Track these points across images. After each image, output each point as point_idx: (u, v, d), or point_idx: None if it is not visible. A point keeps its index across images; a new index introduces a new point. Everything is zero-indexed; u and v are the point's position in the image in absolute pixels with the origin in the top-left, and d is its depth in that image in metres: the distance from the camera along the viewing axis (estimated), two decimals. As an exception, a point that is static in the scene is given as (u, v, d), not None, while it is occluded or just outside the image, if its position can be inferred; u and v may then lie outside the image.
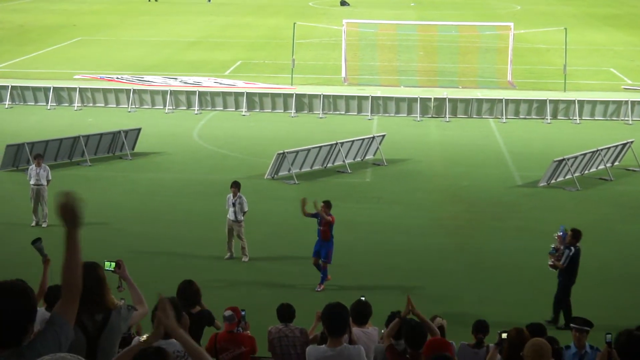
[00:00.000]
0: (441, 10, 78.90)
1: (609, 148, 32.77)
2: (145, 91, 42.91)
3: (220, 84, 46.08)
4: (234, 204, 23.38)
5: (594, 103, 41.90)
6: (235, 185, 23.71)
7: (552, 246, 20.04)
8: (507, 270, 23.26)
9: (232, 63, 53.41)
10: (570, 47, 49.46)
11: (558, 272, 19.91)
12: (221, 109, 42.09)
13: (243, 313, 13.45)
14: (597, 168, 32.37)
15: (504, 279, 22.67)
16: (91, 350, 7.42)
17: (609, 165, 32.60)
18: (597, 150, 32.21)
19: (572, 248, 19.83)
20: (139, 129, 34.92)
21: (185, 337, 6.45)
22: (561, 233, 20.10)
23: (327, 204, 22.07)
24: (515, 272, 23.07)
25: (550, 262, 19.96)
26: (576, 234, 20.05)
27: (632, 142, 33.67)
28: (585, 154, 31.74)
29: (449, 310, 18.23)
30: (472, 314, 15.54)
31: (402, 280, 22.37)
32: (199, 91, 42.54)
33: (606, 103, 42.01)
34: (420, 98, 41.75)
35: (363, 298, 12.74)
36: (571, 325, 13.07)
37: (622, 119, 41.19)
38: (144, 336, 8.47)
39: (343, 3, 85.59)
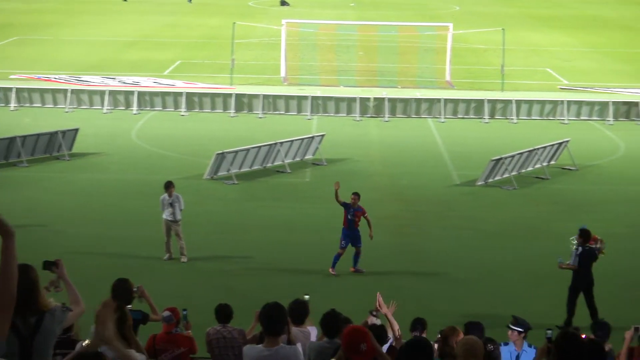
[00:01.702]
0: (381, 11, 79.17)
1: (545, 147, 33.15)
2: (83, 91, 42.55)
3: (159, 84, 45.83)
4: (171, 204, 23.27)
5: (530, 103, 42.38)
6: (171, 185, 23.58)
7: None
8: (446, 268, 23.44)
9: (171, 63, 53.14)
10: (508, 48, 49.98)
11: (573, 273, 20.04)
12: (160, 109, 41.89)
13: (185, 313, 13.43)
14: (534, 167, 32.74)
15: (443, 277, 22.83)
16: (25, 353, 7.36)
17: (545, 164, 32.98)
18: (534, 150, 32.58)
19: (580, 248, 20.02)
20: (77, 129, 34.63)
21: (121, 349, 6.45)
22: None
23: (358, 195, 23.25)
24: (454, 270, 23.27)
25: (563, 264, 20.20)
26: (582, 234, 20.21)
27: (568, 141, 34.09)
28: (522, 153, 32.09)
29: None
30: (411, 312, 15.60)
31: (344, 279, 22.46)
32: (137, 91, 42.29)
33: (543, 103, 42.50)
34: (360, 98, 41.93)
35: (307, 297, 12.77)
36: (508, 324, 13.21)
37: (558, 118, 41.69)
38: (87, 341, 8.46)
39: (283, 3, 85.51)
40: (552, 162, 33.64)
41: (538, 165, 32.71)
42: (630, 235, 25.98)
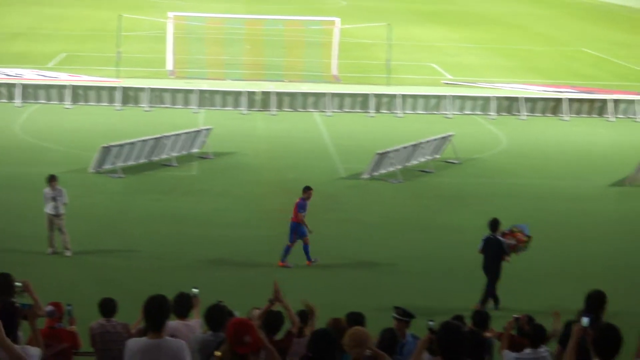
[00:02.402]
0: (268, 5, 79.16)
1: (429, 141, 33.68)
2: (-36, 83, 41.67)
3: (44, 76, 45.08)
4: (54, 198, 22.98)
5: (415, 97, 42.99)
6: (54, 179, 23.28)
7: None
8: (331, 259, 23.65)
9: (55, 55, 52.33)
10: (394, 43, 50.55)
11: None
12: (44, 101, 41.23)
13: (69, 308, 13.30)
14: (418, 160, 33.24)
15: (328, 269, 23.04)
16: None
17: (429, 157, 33.52)
18: (419, 143, 33.09)
19: (489, 236, 20.69)
20: (-42, 122, 33.94)
21: (10, 346, 6.42)
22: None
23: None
24: (339, 262, 23.50)
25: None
26: (490, 223, 20.97)
27: (451, 135, 34.69)
28: (407, 147, 32.56)
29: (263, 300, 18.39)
30: (296, 303, 15.73)
31: (231, 272, 22.52)
32: (21, 84, 41.53)
33: (427, 97, 43.17)
34: (247, 91, 41.98)
35: (195, 290, 12.78)
36: (393, 315, 13.41)
37: (443, 112, 42.40)
38: None
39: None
40: (437, 156, 34.19)
41: (423, 159, 33.22)
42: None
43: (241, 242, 24.83)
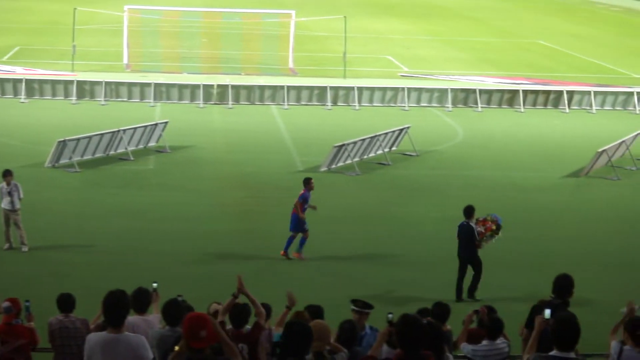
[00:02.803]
0: (225, -3, 78.96)
1: (387, 133, 33.79)
2: None
3: (-2, 70, 44.68)
4: (9, 193, 22.79)
5: (372, 90, 43.12)
6: (9, 174, 23.08)
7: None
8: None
9: (9, 49, 51.87)
10: (350, 35, 50.59)
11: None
12: (-1, 96, 40.93)
13: (27, 304, 13.21)
14: (375, 153, 33.34)
15: (287, 262, 23.04)
16: None
17: (387, 150, 33.63)
18: (376, 136, 33.18)
19: (462, 223, 21.10)
20: None
21: None
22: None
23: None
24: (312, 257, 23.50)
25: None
26: (464, 210, 21.27)
27: (408, 127, 34.82)
28: (364, 140, 32.64)
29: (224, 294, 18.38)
30: (264, 296, 15.71)
31: (190, 267, 22.45)
32: (-26, 78, 41.17)
33: (384, 90, 43.31)
34: (203, 85, 41.87)
35: (155, 285, 12.76)
36: (351, 307, 13.45)
37: (399, 105, 42.56)
38: None
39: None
40: (394, 148, 34.32)
41: (380, 152, 33.32)
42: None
43: (199, 236, 24.76)
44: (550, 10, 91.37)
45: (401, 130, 34.66)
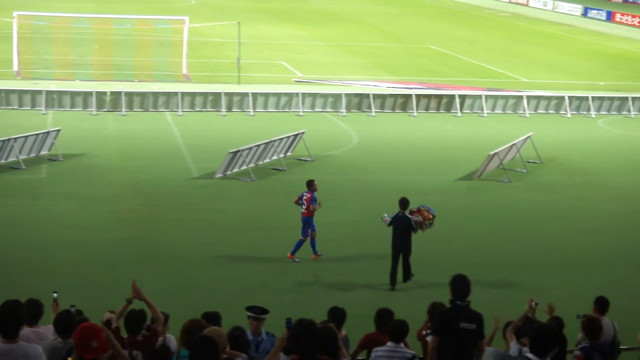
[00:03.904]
0: (117, 4, 78.14)
1: (281, 139, 33.85)
2: None
3: None
4: None
5: (267, 95, 43.15)
6: None
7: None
8: (185, 261, 23.52)
9: None
10: (244, 41, 50.61)
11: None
12: None
13: (55, 295, 12.90)
14: (271, 159, 33.38)
15: (182, 270, 22.89)
16: None
17: (282, 155, 33.69)
18: (271, 142, 33.22)
19: (397, 214, 22.04)
20: None
21: None
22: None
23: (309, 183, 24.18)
24: (194, 263, 23.38)
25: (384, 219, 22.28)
26: (400, 201, 22.22)
27: (303, 132, 34.95)
28: (259, 145, 32.65)
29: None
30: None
31: (85, 275, 22.14)
32: None
33: (278, 95, 43.37)
34: (96, 92, 41.38)
35: (55, 294, 12.54)
36: (248, 314, 13.42)
37: (294, 110, 42.68)
38: None
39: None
40: (289, 154, 34.41)
41: (275, 157, 33.37)
42: (362, 223, 26.94)
43: (93, 245, 24.44)
44: (440, 16, 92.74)
45: (296, 135, 34.77)
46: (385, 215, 22.26)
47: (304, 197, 23.84)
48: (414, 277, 22.19)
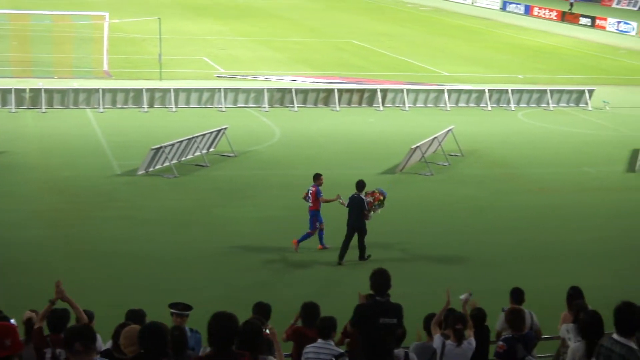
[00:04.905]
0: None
1: (204, 135, 33.73)
2: None
3: None
4: None
5: (189, 91, 42.95)
6: None
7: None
8: (111, 258, 23.32)
9: None
10: (165, 37, 50.37)
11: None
12: None
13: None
14: (193, 155, 33.25)
15: (106, 268, 22.71)
16: None
17: (205, 151, 33.58)
18: (193, 138, 33.08)
19: (353, 195, 23.42)
20: None
21: None
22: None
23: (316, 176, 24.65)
24: (119, 260, 23.21)
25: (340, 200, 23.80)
26: (356, 184, 23.63)
27: (226, 128, 34.85)
28: (181, 142, 32.49)
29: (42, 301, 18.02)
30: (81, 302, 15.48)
31: (4, 275, 21.86)
32: None
33: (201, 91, 43.20)
34: (15, 89, 40.77)
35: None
36: (171, 310, 13.38)
37: (216, 106, 42.55)
38: None
39: None
40: (212, 150, 34.31)
41: (198, 153, 33.25)
42: (286, 218, 26.98)
43: (13, 243, 24.13)
44: (361, 10, 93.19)
45: (219, 131, 34.67)
46: (342, 199, 23.72)
47: (310, 191, 24.32)
48: (369, 257, 23.26)
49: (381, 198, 23.41)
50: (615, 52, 71.19)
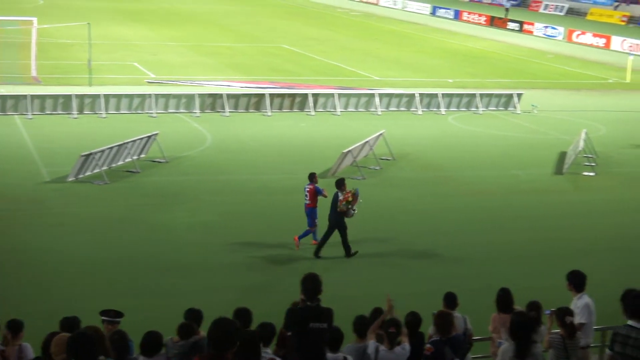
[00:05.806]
0: (-41, 4, 76.09)
1: (135, 141, 33.48)
2: None
3: None
4: None
5: (119, 97, 42.59)
6: None
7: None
8: (41, 266, 23.06)
9: None
10: (95, 42, 49.90)
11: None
12: None
13: None
14: (124, 161, 32.98)
15: (38, 276, 22.44)
16: None
17: (135, 157, 33.33)
18: (124, 144, 32.82)
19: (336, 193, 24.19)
20: None
21: None
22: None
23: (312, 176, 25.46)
24: (50, 268, 22.93)
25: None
26: (336, 182, 24.49)
27: (157, 134, 34.64)
28: (112, 148, 32.22)
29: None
30: (10, 312, 15.28)
31: None
32: None
33: (131, 97, 42.87)
34: (-59, 96, 40.13)
35: None
36: (102, 318, 13.25)
37: (147, 112, 42.27)
38: None
39: None
40: (142, 156, 34.07)
41: (129, 159, 33.00)
42: (218, 223, 26.91)
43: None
44: (291, 15, 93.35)
45: (149, 137, 34.43)
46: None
47: (306, 189, 25.09)
48: (355, 253, 24.17)
49: (349, 199, 23.84)
50: (542, 56, 72.14)
